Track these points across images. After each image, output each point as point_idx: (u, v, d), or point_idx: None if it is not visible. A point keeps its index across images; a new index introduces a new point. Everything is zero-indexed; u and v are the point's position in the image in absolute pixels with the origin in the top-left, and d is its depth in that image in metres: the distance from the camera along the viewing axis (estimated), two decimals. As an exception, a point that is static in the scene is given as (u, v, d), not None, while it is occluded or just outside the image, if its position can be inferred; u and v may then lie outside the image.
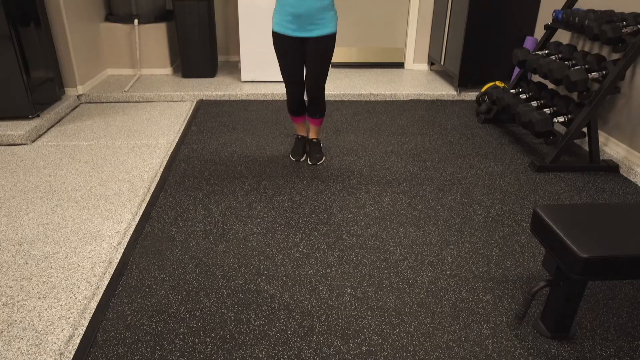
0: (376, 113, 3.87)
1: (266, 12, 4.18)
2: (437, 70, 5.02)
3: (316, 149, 3.00)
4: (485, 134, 3.50)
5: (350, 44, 4.98)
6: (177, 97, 4.10)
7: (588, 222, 1.55)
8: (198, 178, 2.77)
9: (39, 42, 3.47)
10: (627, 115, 3.00)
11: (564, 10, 3.30)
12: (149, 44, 4.55)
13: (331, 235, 2.25)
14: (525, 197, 2.63)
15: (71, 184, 2.67)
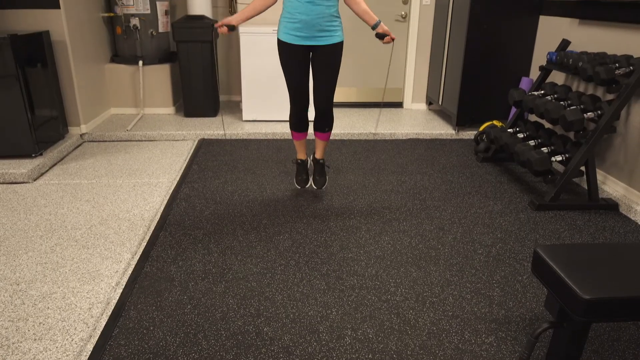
0: (376, 152, 3.91)
1: (267, 53, 4.28)
2: (436, 109, 5.10)
3: (320, 170, 2.95)
4: (484, 172, 3.53)
5: (350, 84, 5.09)
6: (179, 136, 4.15)
7: (590, 263, 1.54)
8: (198, 217, 2.77)
9: (45, 82, 3.55)
10: (624, 153, 3.03)
11: (558, 53, 3.39)
12: (152, 84, 4.65)
13: (331, 275, 2.23)
14: (525, 236, 2.62)
15: (71, 223, 2.67)
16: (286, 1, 2.55)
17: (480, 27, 3.97)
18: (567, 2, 3.60)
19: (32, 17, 3.68)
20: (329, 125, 2.83)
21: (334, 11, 2.55)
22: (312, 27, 2.52)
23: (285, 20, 2.56)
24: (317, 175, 2.95)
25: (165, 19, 4.65)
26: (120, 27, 4.50)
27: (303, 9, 2.48)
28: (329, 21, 2.54)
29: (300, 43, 2.56)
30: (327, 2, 2.50)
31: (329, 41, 2.58)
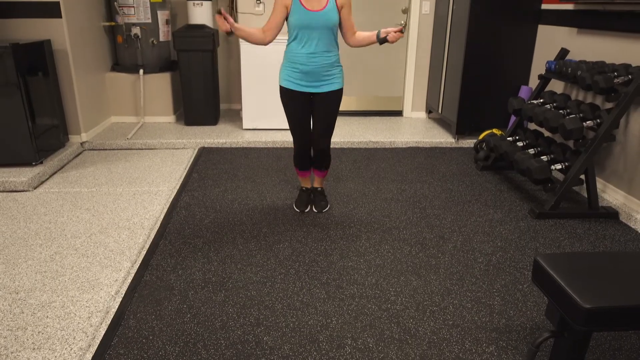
0: (376, 160, 3.92)
1: (267, 62, 4.30)
2: (435, 118, 5.12)
3: (321, 197, 3.02)
4: (484, 181, 3.53)
5: (349, 93, 5.10)
6: (179, 145, 4.16)
7: (590, 271, 1.54)
8: (198, 225, 2.77)
9: (46, 91, 3.56)
10: (623, 162, 3.04)
11: (557, 62, 3.40)
12: (153, 92, 4.66)
13: (331, 284, 2.23)
14: (525, 244, 2.62)
15: (71, 231, 2.67)
16: (287, 51, 2.61)
17: (480, 36, 3.99)
18: (565, 12, 3.63)
19: (34, 26, 3.70)
20: (326, 165, 2.91)
21: (334, 61, 2.62)
22: (313, 76, 2.60)
23: (286, 68, 2.63)
24: (319, 200, 3.00)
25: (166, 28, 4.67)
26: (121, 36, 4.52)
27: (304, 60, 2.55)
28: (329, 70, 2.62)
29: (302, 90, 2.64)
30: (327, 53, 2.57)
31: (329, 88, 2.65)
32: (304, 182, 3.05)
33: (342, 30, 2.66)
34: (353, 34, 2.66)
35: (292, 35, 2.56)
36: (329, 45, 2.57)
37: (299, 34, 2.53)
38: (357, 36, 2.67)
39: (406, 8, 4.84)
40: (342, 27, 2.64)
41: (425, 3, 4.76)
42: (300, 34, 2.53)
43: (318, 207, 2.98)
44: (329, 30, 2.53)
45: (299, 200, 3.02)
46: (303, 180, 3.05)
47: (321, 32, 2.51)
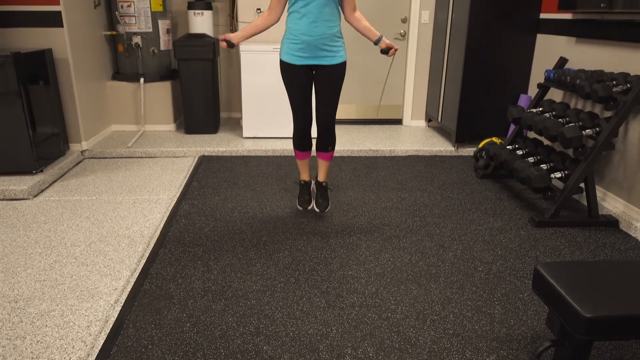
0: (375, 169, 3.92)
1: (268, 70, 4.32)
2: (435, 126, 5.13)
3: (324, 193, 2.97)
4: (484, 189, 3.53)
5: (349, 102, 5.12)
6: (180, 153, 4.16)
7: (591, 280, 1.54)
8: (198, 234, 2.76)
9: (47, 99, 3.57)
10: (623, 170, 3.04)
11: (556, 70, 3.42)
12: (153, 101, 4.68)
13: (331, 292, 2.22)
14: (526, 253, 2.62)
15: (71, 240, 2.66)
16: (288, 22, 2.58)
17: (479, 45, 4.02)
18: (563, 21, 3.65)
19: (36, 35, 3.72)
20: (332, 144, 2.84)
21: (336, 31, 2.57)
22: (315, 47, 2.55)
23: (287, 41, 2.59)
24: (320, 198, 2.96)
25: (166, 37, 4.70)
26: (123, 45, 4.54)
27: (305, 30, 2.51)
28: (332, 41, 2.57)
29: (303, 63, 2.59)
30: (329, 22, 2.53)
31: (332, 61, 2.61)
32: (302, 171, 2.98)
33: (342, 3, 2.63)
34: (353, 9, 2.64)
35: (293, 4, 2.53)
36: (331, 14, 2.53)
37: (298, 3, 2.50)
38: (359, 19, 2.65)
39: (405, 17, 4.87)
40: (342, 0, 2.62)
41: (425, 12, 4.79)
42: (301, 2, 2.49)
43: (320, 206, 2.94)
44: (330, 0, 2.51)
45: (300, 196, 2.97)
46: (302, 167, 2.97)
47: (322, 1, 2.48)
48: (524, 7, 3.97)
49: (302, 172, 3.02)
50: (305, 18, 2.50)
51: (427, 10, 4.79)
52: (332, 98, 2.67)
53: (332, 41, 2.57)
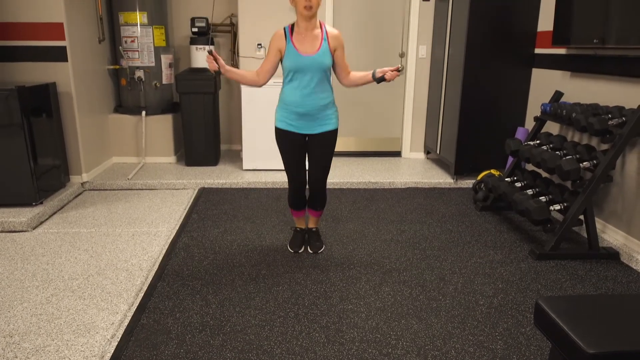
0: (375, 201, 3.93)
1: (267, 104, 4.38)
2: (434, 158, 5.17)
3: (316, 237, 3.01)
4: (483, 221, 3.53)
5: (348, 134, 5.17)
6: (180, 185, 4.18)
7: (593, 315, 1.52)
8: (197, 267, 2.75)
9: (49, 132, 3.61)
10: (621, 202, 3.05)
11: (552, 104, 3.47)
12: (154, 133, 4.72)
13: (331, 327, 2.19)
14: (527, 286, 2.59)
15: (68, 273, 2.64)
16: (282, 93, 2.67)
17: (476, 79, 4.09)
18: (558, 56, 3.73)
19: (41, 69, 3.79)
20: (322, 205, 2.92)
21: (328, 102, 2.67)
22: (308, 118, 2.64)
23: (281, 110, 2.68)
24: (314, 240, 3.01)
25: (169, 71, 4.78)
26: (125, 79, 4.62)
27: (299, 102, 2.60)
28: (324, 111, 2.66)
29: (297, 131, 2.67)
30: (321, 94, 2.62)
31: (324, 129, 2.69)
32: (298, 222, 3.05)
33: (336, 71, 2.72)
34: (347, 74, 2.72)
35: (287, 77, 2.61)
36: (323, 86, 2.62)
37: (293, 77, 2.59)
38: (351, 76, 2.73)
39: (403, 52, 4.98)
40: (335, 68, 2.70)
41: (422, 47, 4.90)
42: (295, 76, 2.58)
43: (313, 248, 2.97)
44: (322, 72, 2.58)
45: (293, 240, 3.01)
46: (297, 221, 3.04)
47: (315, 74, 2.56)
48: (519, 42, 4.06)
49: (297, 222, 3.06)
50: (299, 91, 2.59)
51: (424, 45, 4.89)
52: (323, 163, 2.76)
53: (324, 111, 2.66)
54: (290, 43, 2.55)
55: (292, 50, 2.55)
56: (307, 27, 2.56)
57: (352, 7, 4.84)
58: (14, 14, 3.68)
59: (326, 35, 2.59)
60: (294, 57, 2.54)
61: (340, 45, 2.64)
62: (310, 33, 2.57)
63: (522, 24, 4.03)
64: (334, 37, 2.61)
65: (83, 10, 4.05)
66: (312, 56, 2.54)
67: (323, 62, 2.56)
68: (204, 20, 4.64)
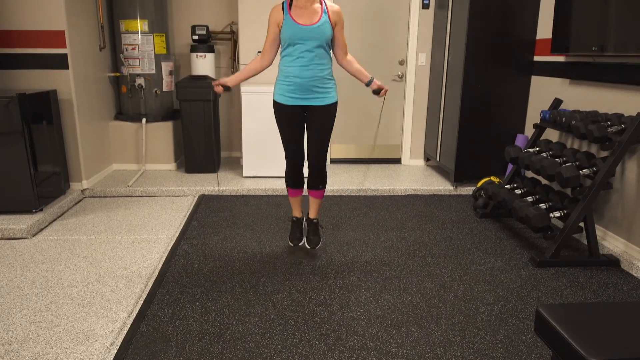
0: (375, 208, 3.93)
1: (268, 111, 4.39)
2: (433, 165, 5.17)
3: (315, 230, 2.97)
4: (483, 228, 3.53)
5: (348, 141, 5.18)
6: (180, 192, 4.18)
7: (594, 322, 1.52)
8: (196, 274, 2.74)
9: (50, 139, 3.62)
10: (621, 209, 3.05)
11: (551, 111, 3.48)
12: (154, 141, 4.73)
13: (331, 335, 2.18)
14: (527, 293, 2.59)
15: (68, 280, 2.64)
16: (281, 65, 2.67)
17: (475, 87, 4.10)
18: (557, 64, 3.74)
19: (42, 76, 3.81)
20: (323, 182, 2.88)
21: (327, 73, 2.66)
22: (306, 89, 2.63)
23: (280, 83, 2.67)
24: (311, 234, 2.97)
25: (169, 79, 4.80)
26: (126, 86, 4.64)
27: (297, 72, 2.60)
28: (323, 83, 2.65)
29: (295, 104, 2.66)
30: (320, 65, 2.62)
31: (323, 102, 2.68)
32: (294, 208, 3.01)
33: (334, 47, 2.72)
34: (345, 53, 2.73)
35: (285, 48, 2.62)
36: (322, 57, 2.62)
37: (290, 47, 2.59)
38: (350, 60, 2.74)
39: (403, 60, 5.00)
40: (333, 44, 2.71)
41: (422, 55, 4.92)
42: (292, 47, 2.58)
43: (310, 243, 2.93)
44: (321, 43, 2.58)
45: (292, 232, 2.99)
46: (294, 204, 3.00)
47: (314, 44, 2.57)
48: (518, 50, 4.08)
49: (294, 209, 3.03)
50: (297, 61, 2.59)
51: (423, 53, 4.92)
52: (323, 138, 2.74)
53: (323, 83, 2.65)
54: (288, 15, 2.56)
55: (290, 21, 2.55)
56: (306, 1, 2.57)
57: (352, 15, 4.87)
58: (16, 21, 3.69)
59: (326, 8, 2.61)
60: (292, 27, 2.54)
61: (340, 20, 2.65)
62: (310, 6, 2.58)
63: (521, 31, 4.05)
64: (335, 11, 2.63)
65: (84, 18, 4.08)
66: (310, 26, 2.54)
67: (323, 32, 2.56)
68: (205, 28, 4.66)
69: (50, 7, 3.68)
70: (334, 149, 5.19)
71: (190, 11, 5.12)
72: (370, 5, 4.85)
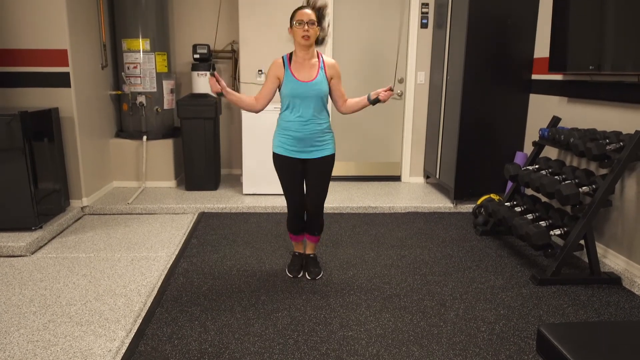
0: (375, 225, 3.92)
1: (268, 129, 4.42)
2: (433, 183, 5.18)
3: (314, 263, 3.00)
4: (484, 246, 3.52)
5: (348, 159, 5.20)
6: (179, 210, 4.18)
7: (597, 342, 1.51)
8: (196, 293, 2.72)
9: (50, 156, 3.63)
10: (622, 227, 3.05)
11: (550, 129, 3.50)
12: (155, 158, 4.75)
13: (331, 355, 2.16)
14: (529, 312, 2.57)
15: (66, 298, 2.62)
16: (280, 119, 2.72)
17: (474, 104, 4.13)
18: (555, 82, 3.78)
19: (44, 94, 3.84)
20: (319, 229, 2.93)
21: (325, 127, 2.71)
22: (305, 143, 2.68)
23: (279, 135, 2.72)
24: (311, 267, 3.00)
25: (170, 97, 4.84)
26: (127, 104, 4.67)
27: (296, 127, 2.65)
28: (321, 136, 2.70)
29: (294, 156, 2.71)
30: (318, 120, 2.67)
31: (320, 154, 2.73)
32: (297, 246, 3.06)
33: (333, 99, 2.77)
34: (344, 102, 2.78)
35: (285, 104, 2.67)
36: (320, 112, 2.67)
37: (290, 103, 2.64)
38: (348, 103, 2.78)
39: (402, 78, 5.04)
40: (332, 96, 2.76)
41: (421, 73, 4.96)
42: (292, 102, 2.63)
43: (311, 274, 2.95)
44: (319, 99, 2.63)
45: (291, 265, 3.01)
46: (296, 245, 3.06)
47: (312, 100, 2.62)
48: (516, 69, 4.12)
49: (296, 246, 3.08)
50: (296, 116, 2.64)
51: (422, 71, 4.96)
52: (320, 187, 2.79)
53: (321, 136, 2.70)
54: (289, 70, 2.61)
55: (290, 77, 2.60)
56: (304, 56, 2.62)
57: (351, 35, 4.93)
58: (20, 41, 3.74)
59: (323, 64, 2.66)
60: (292, 84, 2.59)
61: (336, 74, 2.70)
62: (307, 62, 2.63)
63: (518, 50, 4.10)
64: (331, 66, 2.68)
65: (87, 37, 4.13)
66: (309, 83, 2.59)
67: (320, 89, 2.61)
68: (206, 47, 4.71)
69: (54, 27, 3.73)
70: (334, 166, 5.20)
71: (191, 30, 5.18)
72: (370, 25, 4.91)
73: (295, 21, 2.55)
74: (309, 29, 2.52)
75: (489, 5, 3.98)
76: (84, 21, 4.05)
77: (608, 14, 2.99)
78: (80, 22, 3.98)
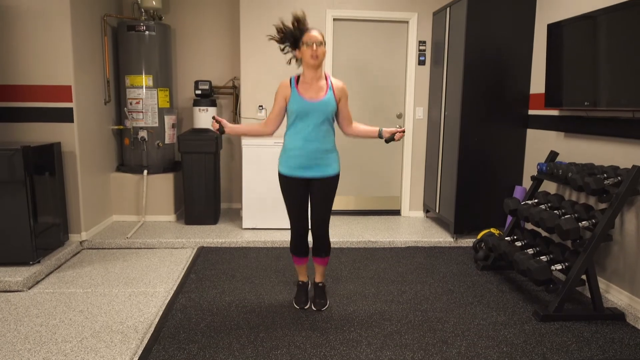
0: (375, 260, 3.90)
1: (268, 163, 4.45)
2: (433, 217, 5.17)
3: (321, 293, 2.97)
4: (485, 281, 3.48)
5: (348, 193, 5.21)
6: (179, 244, 4.16)
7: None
8: (194, 329, 2.68)
9: (51, 190, 3.64)
10: (623, 262, 3.03)
11: (548, 164, 3.52)
12: (155, 192, 4.76)
13: (331, 393, 2.11)
14: (532, 349, 2.53)
15: (62, 335, 2.58)
16: (286, 138, 2.76)
17: (472, 140, 4.18)
18: (551, 117, 3.83)
19: (47, 129, 3.88)
20: (326, 250, 2.92)
21: (330, 147, 2.76)
22: (309, 161, 2.71)
23: (285, 155, 2.76)
24: (317, 297, 2.98)
25: (171, 132, 4.89)
26: (129, 139, 4.72)
27: (301, 145, 2.69)
28: (325, 156, 2.74)
29: (298, 175, 2.74)
30: (323, 139, 2.71)
31: (325, 174, 2.76)
32: (300, 273, 3.03)
33: (339, 120, 2.82)
34: (350, 123, 2.82)
35: (291, 122, 2.70)
36: (326, 131, 2.70)
37: (296, 121, 2.68)
38: (354, 127, 2.82)
39: (401, 113, 5.11)
40: (338, 117, 2.81)
41: (419, 109, 5.04)
42: (298, 121, 2.67)
43: (317, 305, 2.92)
44: (325, 118, 2.67)
45: (297, 296, 2.98)
46: (300, 270, 3.03)
47: (318, 119, 2.66)
48: (513, 104, 4.19)
49: (300, 274, 3.07)
50: (302, 134, 2.69)
51: (421, 107, 5.04)
52: (324, 207, 2.80)
53: (325, 155, 2.74)
54: (295, 90, 2.66)
55: (297, 96, 2.65)
56: (313, 77, 2.67)
57: (350, 71, 5.02)
58: (26, 77, 3.81)
59: (331, 85, 2.71)
60: (299, 101, 2.64)
61: (344, 95, 2.76)
62: (315, 83, 2.68)
63: (515, 86, 4.17)
64: (339, 88, 2.74)
65: (91, 73, 4.21)
66: (316, 102, 2.64)
67: (327, 107, 2.66)
68: (207, 83, 4.80)
69: (60, 64, 3.81)
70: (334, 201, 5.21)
71: (194, 67, 5.29)
72: (370, 61, 5.02)
73: (304, 42, 2.61)
74: (317, 49, 2.59)
75: (485, 43, 4.08)
76: (89, 58, 4.14)
77: (601, 52, 3.07)
78: (85, 59, 4.06)
